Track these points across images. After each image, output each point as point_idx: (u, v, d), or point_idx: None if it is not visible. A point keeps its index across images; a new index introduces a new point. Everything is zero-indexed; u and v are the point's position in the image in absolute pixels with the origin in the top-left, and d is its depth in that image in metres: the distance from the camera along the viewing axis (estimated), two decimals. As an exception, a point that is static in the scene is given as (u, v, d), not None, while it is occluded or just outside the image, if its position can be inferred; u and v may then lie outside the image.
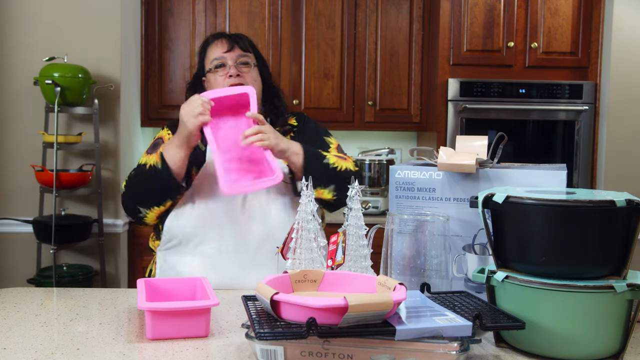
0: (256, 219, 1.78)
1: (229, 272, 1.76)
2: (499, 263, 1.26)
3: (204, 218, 1.77)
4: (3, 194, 3.20)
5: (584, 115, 3.49)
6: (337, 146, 1.95)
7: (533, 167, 1.51)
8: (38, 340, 1.25)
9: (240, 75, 1.84)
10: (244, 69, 1.86)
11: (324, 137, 1.96)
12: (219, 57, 1.86)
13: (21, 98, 3.18)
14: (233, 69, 1.84)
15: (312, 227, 1.45)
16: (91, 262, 3.23)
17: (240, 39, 1.90)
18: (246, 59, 1.88)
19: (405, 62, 3.75)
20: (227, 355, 1.19)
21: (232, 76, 1.83)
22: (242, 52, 1.87)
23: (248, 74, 1.86)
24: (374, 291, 1.23)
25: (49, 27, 3.18)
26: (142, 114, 3.64)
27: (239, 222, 1.77)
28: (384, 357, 1.07)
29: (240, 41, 1.89)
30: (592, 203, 1.13)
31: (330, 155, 1.83)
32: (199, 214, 1.77)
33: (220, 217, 1.77)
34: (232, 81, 1.83)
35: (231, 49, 1.86)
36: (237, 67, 1.85)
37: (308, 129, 1.97)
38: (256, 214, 1.78)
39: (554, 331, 1.15)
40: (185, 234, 1.79)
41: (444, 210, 1.49)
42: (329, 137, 1.98)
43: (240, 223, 1.77)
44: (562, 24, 3.52)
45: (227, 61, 1.86)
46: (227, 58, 1.86)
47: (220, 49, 1.87)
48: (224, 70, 1.85)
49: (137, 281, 1.43)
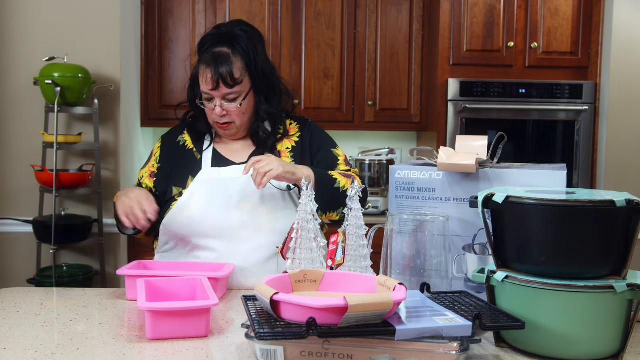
0: (252, 226, 1.77)
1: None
2: (499, 263, 1.26)
3: (197, 225, 1.77)
4: (3, 194, 3.20)
5: (584, 115, 3.49)
6: (345, 158, 1.94)
7: (533, 167, 1.51)
8: (38, 340, 1.25)
9: (226, 114, 1.81)
10: (230, 106, 1.80)
11: (332, 150, 1.93)
12: (207, 93, 1.80)
13: (21, 98, 3.18)
14: (218, 109, 1.80)
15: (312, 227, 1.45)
16: (91, 262, 3.23)
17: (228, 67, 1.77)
18: (233, 95, 1.80)
19: (405, 62, 3.75)
20: (227, 355, 1.19)
21: (218, 115, 1.81)
22: (227, 90, 1.78)
23: (234, 111, 1.81)
24: (373, 291, 1.23)
25: (49, 27, 3.18)
26: (142, 114, 3.64)
27: (233, 230, 1.76)
28: (384, 357, 1.07)
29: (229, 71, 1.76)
30: (592, 203, 1.13)
31: (340, 177, 1.80)
32: (193, 220, 1.77)
33: (214, 224, 1.76)
34: (217, 119, 1.82)
35: (216, 87, 1.77)
36: (224, 104, 1.80)
37: (314, 140, 1.93)
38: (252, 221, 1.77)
39: (554, 331, 1.15)
40: (178, 239, 1.80)
41: (444, 210, 1.49)
42: (335, 148, 1.95)
43: (234, 230, 1.76)
44: (562, 24, 3.52)
45: (214, 97, 1.80)
46: (214, 95, 1.80)
47: (207, 84, 1.79)
48: (212, 104, 1.81)
49: (137, 281, 1.43)
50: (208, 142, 1.91)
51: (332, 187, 1.77)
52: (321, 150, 1.92)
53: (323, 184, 1.75)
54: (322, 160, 1.90)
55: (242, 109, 1.83)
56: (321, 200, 1.73)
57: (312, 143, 1.93)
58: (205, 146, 1.89)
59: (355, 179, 1.76)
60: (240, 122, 1.84)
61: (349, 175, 1.83)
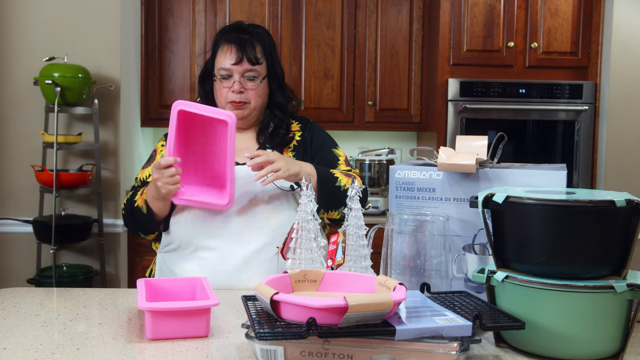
0: (255, 227, 1.77)
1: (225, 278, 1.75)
2: (499, 263, 1.26)
3: (201, 225, 1.76)
4: (3, 194, 3.20)
5: (584, 115, 3.49)
6: (345, 159, 1.94)
7: (533, 167, 1.51)
8: (38, 340, 1.25)
9: (244, 92, 1.82)
10: (249, 84, 1.83)
11: (332, 150, 1.94)
12: (226, 69, 1.82)
13: (21, 98, 3.18)
14: (237, 84, 1.81)
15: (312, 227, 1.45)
16: (91, 262, 3.23)
17: (252, 48, 1.83)
18: (253, 74, 1.83)
19: (405, 62, 3.75)
20: (227, 355, 1.19)
21: (235, 92, 1.82)
22: (249, 67, 1.82)
23: (252, 90, 1.83)
24: (373, 291, 1.23)
25: (49, 27, 3.18)
26: (142, 114, 3.64)
27: (235, 230, 1.76)
28: (384, 357, 1.07)
29: (252, 51, 1.82)
30: (592, 203, 1.13)
31: (341, 175, 1.81)
32: (197, 220, 1.77)
33: (218, 225, 1.76)
34: (233, 97, 1.82)
35: (239, 62, 1.81)
36: (242, 82, 1.82)
37: (315, 139, 1.94)
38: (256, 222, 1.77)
39: (554, 331, 1.15)
40: (181, 240, 1.80)
41: (444, 210, 1.49)
42: (336, 148, 1.96)
43: (236, 230, 1.76)
44: (562, 24, 3.52)
45: (233, 73, 1.82)
46: (234, 71, 1.81)
47: (228, 59, 1.82)
48: (229, 82, 1.83)
49: (137, 281, 1.43)
50: None
51: (334, 186, 1.77)
52: (322, 150, 1.92)
53: (324, 182, 1.76)
54: (322, 159, 1.90)
55: (259, 90, 1.85)
56: (322, 198, 1.74)
57: (312, 143, 1.93)
58: None
59: (355, 179, 1.76)
60: (254, 104, 1.85)
61: (350, 175, 1.83)
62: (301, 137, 1.93)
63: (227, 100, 1.84)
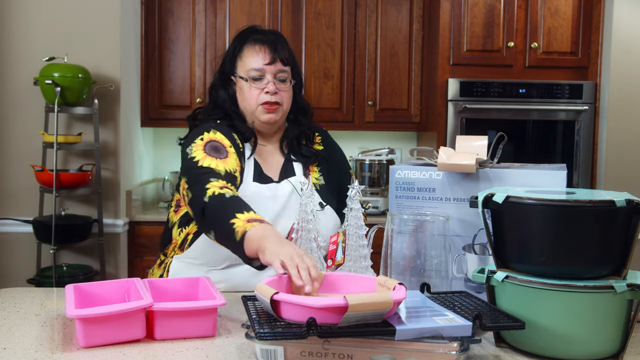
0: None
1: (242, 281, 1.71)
2: (499, 263, 1.26)
3: None
4: (3, 194, 3.20)
5: (584, 115, 3.49)
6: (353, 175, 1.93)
7: (533, 167, 1.51)
8: (38, 340, 1.25)
9: (278, 93, 1.74)
10: (281, 86, 1.75)
11: (349, 171, 1.90)
12: (259, 69, 1.74)
13: (21, 98, 3.18)
14: (271, 85, 1.73)
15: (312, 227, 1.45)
16: (91, 262, 3.23)
17: (282, 48, 1.78)
18: (284, 75, 1.76)
19: (405, 62, 3.74)
20: (227, 355, 1.19)
21: (269, 93, 1.73)
22: (282, 67, 1.75)
23: (285, 92, 1.77)
24: (373, 291, 1.23)
25: (49, 27, 3.18)
26: (142, 114, 3.64)
27: None
28: (384, 357, 1.07)
29: (282, 51, 1.77)
30: (592, 203, 1.13)
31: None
32: None
33: None
34: (267, 98, 1.73)
35: (273, 61, 1.74)
36: (276, 83, 1.74)
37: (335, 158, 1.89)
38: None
39: (554, 331, 1.15)
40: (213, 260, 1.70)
41: (444, 210, 1.49)
42: (350, 168, 1.93)
43: None
44: (562, 24, 3.52)
45: (265, 74, 1.74)
46: (267, 71, 1.74)
47: (261, 59, 1.75)
48: (262, 83, 1.74)
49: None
50: (249, 151, 1.78)
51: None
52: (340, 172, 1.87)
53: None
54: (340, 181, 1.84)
55: (290, 92, 1.79)
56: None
57: (332, 160, 1.88)
58: (248, 154, 1.78)
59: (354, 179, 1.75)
60: (286, 107, 1.78)
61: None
62: (323, 151, 1.88)
63: (259, 102, 1.74)
